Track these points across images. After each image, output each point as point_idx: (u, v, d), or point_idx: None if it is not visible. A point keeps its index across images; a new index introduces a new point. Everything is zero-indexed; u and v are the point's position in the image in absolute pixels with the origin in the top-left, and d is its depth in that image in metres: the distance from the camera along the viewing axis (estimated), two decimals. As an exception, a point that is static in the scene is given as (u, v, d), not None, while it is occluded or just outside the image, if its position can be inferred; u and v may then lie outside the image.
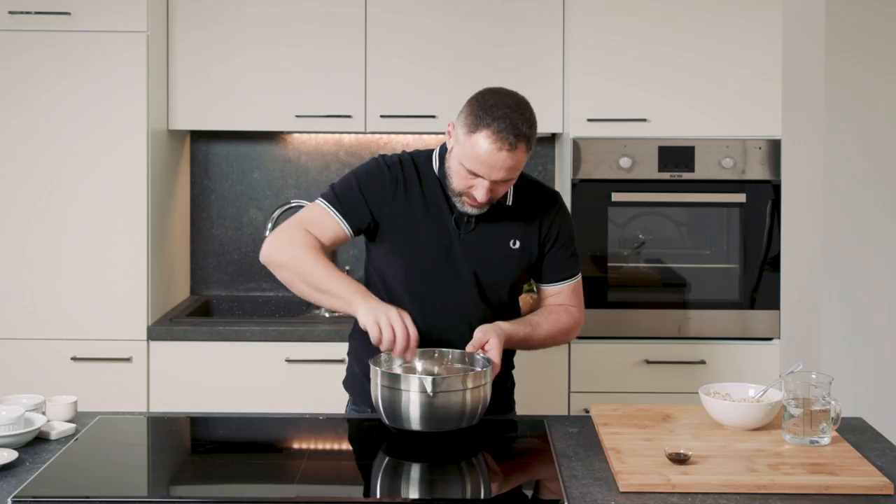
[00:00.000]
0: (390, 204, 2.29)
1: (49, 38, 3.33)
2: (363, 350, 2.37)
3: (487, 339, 2.17)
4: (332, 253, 3.86)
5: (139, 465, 2.05)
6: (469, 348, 2.17)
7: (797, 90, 3.34)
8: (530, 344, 2.32)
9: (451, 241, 2.29)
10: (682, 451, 1.91)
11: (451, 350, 2.23)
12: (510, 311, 2.38)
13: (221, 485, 1.92)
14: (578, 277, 2.42)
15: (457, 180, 2.21)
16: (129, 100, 3.34)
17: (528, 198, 2.35)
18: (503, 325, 2.23)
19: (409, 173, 2.32)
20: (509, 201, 2.32)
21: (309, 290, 2.23)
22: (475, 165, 2.14)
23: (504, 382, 2.44)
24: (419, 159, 2.35)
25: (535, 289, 2.47)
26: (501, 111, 2.14)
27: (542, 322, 2.34)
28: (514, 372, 2.49)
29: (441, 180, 2.30)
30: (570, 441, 2.10)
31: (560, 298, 2.39)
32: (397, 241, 2.31)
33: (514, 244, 2.32)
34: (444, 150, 2.32)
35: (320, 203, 2.31)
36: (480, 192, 2.17)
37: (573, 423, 2.22)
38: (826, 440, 2.01)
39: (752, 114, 3.41)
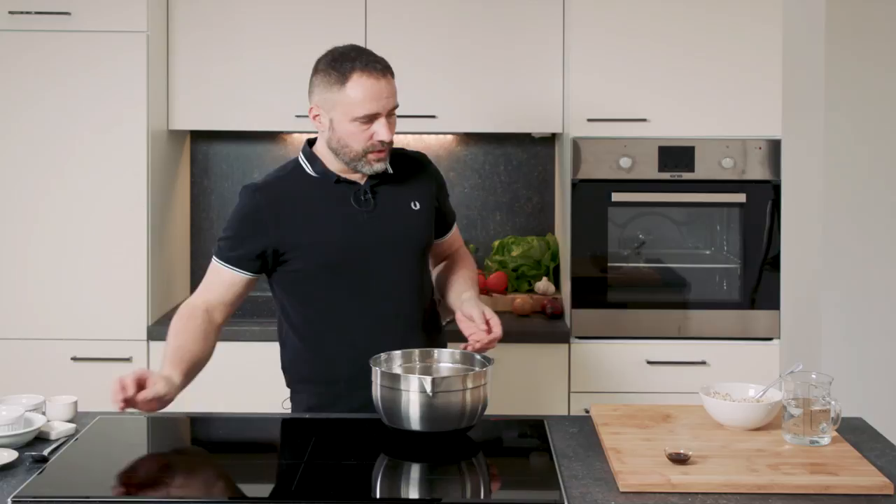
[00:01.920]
0: (276, 230, 2.31)
1: (49, 38, 3.33)
2: (310, 379, 2.48)
3: (490, 315, 2.28)
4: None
5: (139, 465, 2.04)
6: (474, 327, 2.27)
7: (797, 90, 3.34)
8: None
9: (359, 222, 2.33)
10: (682, 451, 1.91)
11: (450, 350, 2.24)
12: (426, 276, 2.49)
13: (221, 485, 1.92)
14: (455, 224, 2.63)
15: (355, 140, 2.27)
16: (129, 100, 3.34)
17: (403, 163, 2.44)
18: (475, 297, 2.40)
19: (274, 191, 2.34)
20: (390, 169, 2.37)
21: None
22: (367, 107, 2.23)
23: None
24: (287, 174, 2.39)
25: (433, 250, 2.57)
26: (353, 53, 2.27)
27: (473, 275, 2.53)
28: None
29: (322, 176, 2.34)
30: (570, 441, 2.09)
31: (456, 243, 2.62)
32: (304, 252, 2.31)
33: (415, 205, 2.40)
34: (307, 149, 2.38)
35: (214, 261, 2.38)
36: (384, 131, 2.26)
37: (573, 423, 2.22)
38: (826, 440, 2.01)
39: (752, 114, 3.41)
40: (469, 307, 2.31)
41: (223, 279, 2.36)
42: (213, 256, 2.38)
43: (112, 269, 3.37)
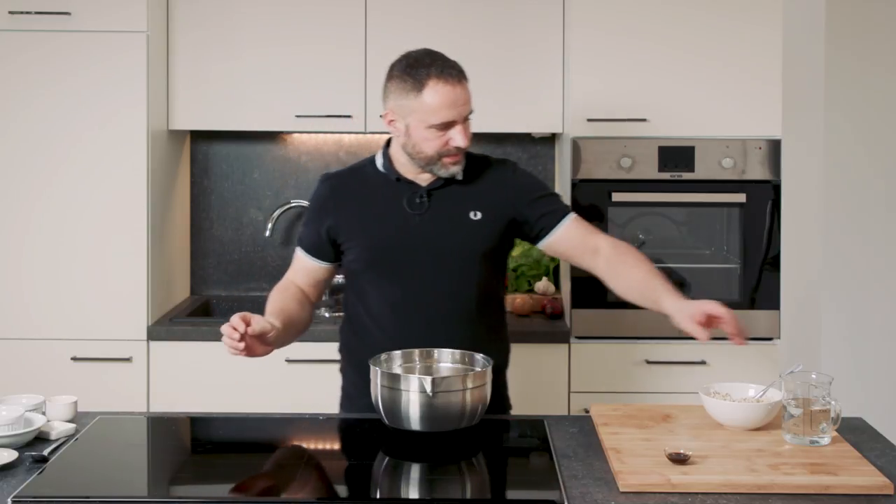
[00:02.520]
0: (334, 217, 2.37)
1: (49, 38, 3.33)
2: (349, 366, 2.47)
3: (718, 310, 2.14)
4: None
5: (139, 465, 2.05)
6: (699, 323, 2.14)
7: (797, 90, 3.34)
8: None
9: (407, 226, 2.32)
10: (682, 451, 1.91)
11: (450, 350, 2.24)
12: (489, 287, 2.39)
13: (221, 485, 1.92)
14: (574, 214, 2.41)
15: (430, 146, 2.26)
16: (129, 100, 3.34)
17: (477, 170, 2.38)
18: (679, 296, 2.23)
19: (345, 182, 2.40)
20: (460, 176, 2.34)
21: None
22: (443, 114, 2.21)
23: (499, 387, 2.43)
24: (363, 165, 2.43)
25: (547, 256, 2.45)
26: (428, 59, 2.25)
27: (648, 265, 2.33)
28: (510, 371, 2.50)
29: (387, 173, 2.36)
30: (570, 441, 2.09)
31: (578, 237, 2.37)
32: (355, 245, 2.35)
33: (475, 215, 2.34)
34: (385, 147, 2.40)
35: (297, 248, 2.46)
36: (460, 137, 2.24)
37: (573, 423, 2.22)
38: (826, 440, 2.01)
39: (752, 114, 3.41)
40: (696, 308, 2.16)
41: (302, 265, 2.45)
42: (297, 245, 2.48)
43: (112, 269, 3.37)
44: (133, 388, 3.36)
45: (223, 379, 3.35)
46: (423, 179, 2.34)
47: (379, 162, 2.40)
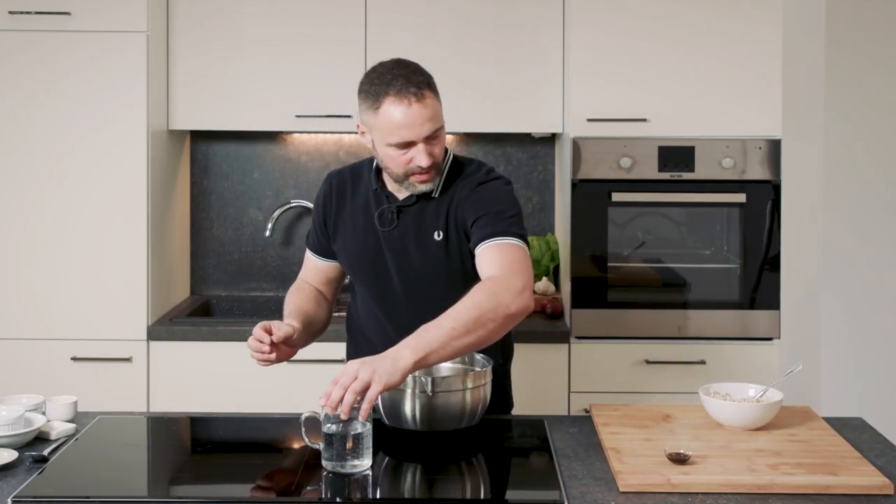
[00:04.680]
0: (333, 217, 2.37)
1: (49, 38, 3.33)
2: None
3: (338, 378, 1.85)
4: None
5: (139, 465, 2.05)
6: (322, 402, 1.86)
7: (797, 90, 3.34)
8: (439, 343, 1.92)
9: (377, 241, 2.30)
10: (682, 451, 1.91)
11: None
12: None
13: (221, 485, 1.92)
14: (503, 239, 2.13)
15: (394, 164, 2.18)
16: (129, 100, 3.34)
17: (454, 186, 2.27)
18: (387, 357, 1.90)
19: (343, 181, 2.38)
20: (436, 193, 2.26)
21: None
22: (400, 134, 2.13)
23: (501, 381, 2.43)
24: (363, 165, 2.40)
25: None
26: (389, 75, 2.14)
27: (448, 315, 1.97)
28: (510, 369, 2.48)
29: (372, 180, 2.32)
30: (570, 441, 2.10)
31: (485, 265, 2.11)
32: (340, 248, 2.36)
33: (438, 235, 2.25)
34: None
35: (307, 249, 2.47)
36: (422, 158, 2.15)
37: (573, 423, 2.22)
38: None
39: (752, 114, 3.41)
40: (352, 365, 1.88)
41: (312, 264, 2.47)
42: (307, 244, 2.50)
43: (112, 269, 3.37)
44: (133, 388, 3.36)
45: (223, 379, 3.36)
46: (402, 192, 2.27)
47: (373, 165, 2.36)
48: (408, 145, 2.15)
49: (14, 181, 3.35)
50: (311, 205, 3.84)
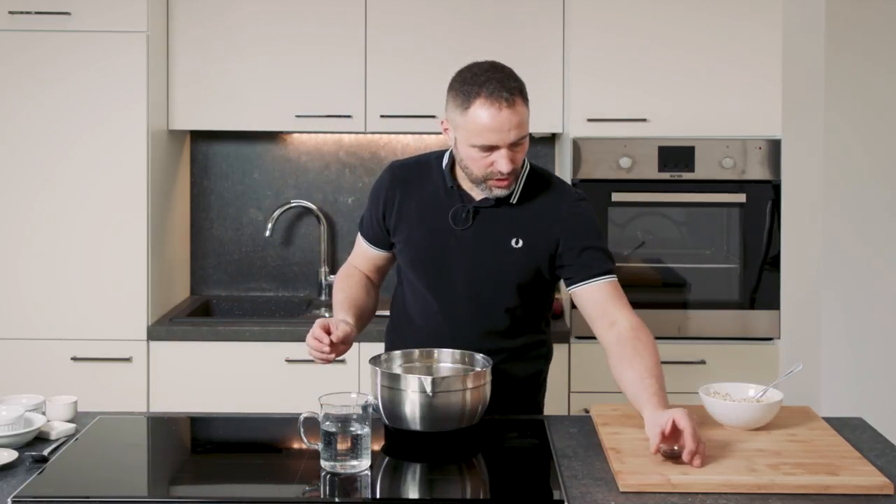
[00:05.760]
0: (395, 209, 2.32)
1: (49, 38, 3.33)
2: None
3: (682, 422, 1.89)
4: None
5: (139, 465, 2.05)
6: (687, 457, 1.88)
7: (797, 90, 3.34)
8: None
9: (447, 239, 2.27)
10: (675, 448, 1.91)
11: (451, 350, 2.24)
12: (526, 316, 2.31)
13: (221, 485, 1.92)
14: (611, 278, 2.24)
15: (475, 166, 2.17)
16: (129, 100, 3.34)
17: (539, 195, 2.27)
18: (659, 408, 1.99)
19: (412, 174, 2.34)
20: (514, 199, 2.25)
21: None
22: (485, 137, 2.12)
23: (535, 393, 2.44)
24: (429, 159, 2.37)
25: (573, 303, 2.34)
26: (483, 77, 2.14)
27: (651, 360, 2.15)
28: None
29: (445, 176, 2.29)
30: (570, 441, 2.09)
31: (597, 301, 2.21)
32: (401, 240, 2.33)
33: (517, 242, 2.24)
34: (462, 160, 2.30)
35: (359, 233, 2.45)
36: (503, 163, 2.13)
37: (573, 423, 2.22)
38: None
39: (752, 114, 3.41)
40: (666, 417, 1.91)
41: (362, 250, 2.45)
42: (359, 230, 2.47)
43: (112, 269, 3.37)
44: (133, 388, 3.36)
45: (223, 379, 3.36)
46: (477, 192, 2.26)
47: (444, 161, 2.32)
48: (491, 149, 2.14)
49: (14, 181, 3.35)
50: (311, 205, 3.84)
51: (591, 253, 2.24)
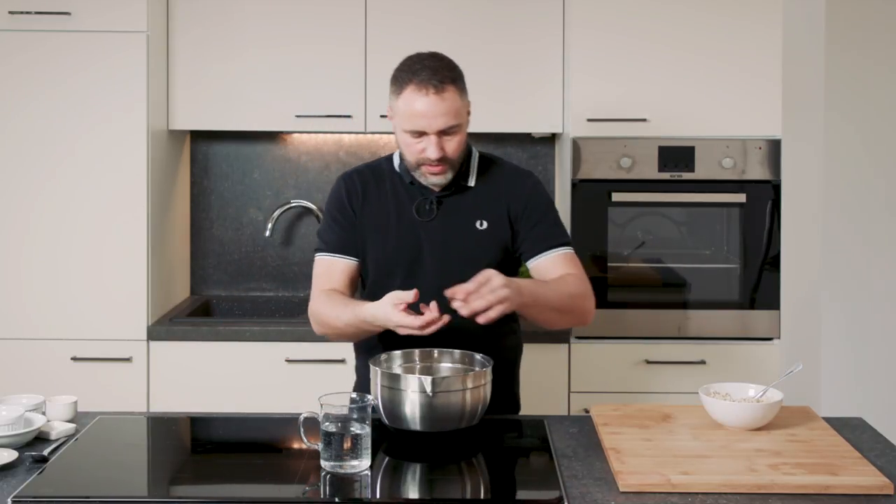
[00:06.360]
0: (359, 216, 2.35)
1: (49, 38, 3.33)
2: (360, 363, 2.44)
3: (488, 276, 2.04)
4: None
5: (139, 465, 2.05)
6: (460, 294, 2.03)
7: (797, 90, 3.34)
8: (541, 301, 2.19)
9: (416, 232, 2.31)
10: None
11: (451, 350, 2.24)
12: None
13: (221, 485, 1.92)
14: (568, 249, 2.34)
15: (408, 151, 2.25)
16: (129, 100, 3.34)
17: (492, 177, 2.36)
18: (514, 280, 2.11)
19: (365, 180, 2.38)
20: (471, 181, 2.33)
21: (345, 333, 2.29)
22: (414, 122, 2.19)
23: (511, 385, 2.44)
24: (380, 163, 2.41)
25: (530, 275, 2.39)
26: (419, 65, 2.21)
27: (548, 282, 2.26)
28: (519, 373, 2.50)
29: (402, 175, 2.34)
30: (570, 441, 2.09)
31: (554, 271, 2.30)
32: (370, 247, 2.34)
33: (481, 224, 2.32)
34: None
35: (318, 257, 2.38)
36: (432, 149, 2.20)
37: (573, 423, 2.22)
38: None
39: (752, 114, 3.41)
40: (487, 271, 2.07)
41: (335, 268, 2.35)
42: (316, 254, 2.39)
43: (112, 269, 3.37)
44: (133, 388, 3.36)
45: (223, 379, 3.36)
46: (435, 184, 2.31)
47: (396, 162, 2.38)
48: (421, 135, 2.21)
49: (14, 181, 3.35)
50: (311, 205, 3.84)
51: (548, 227, 2.34)
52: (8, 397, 2.18)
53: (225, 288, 3.94)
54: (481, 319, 2.05)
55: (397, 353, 2.23)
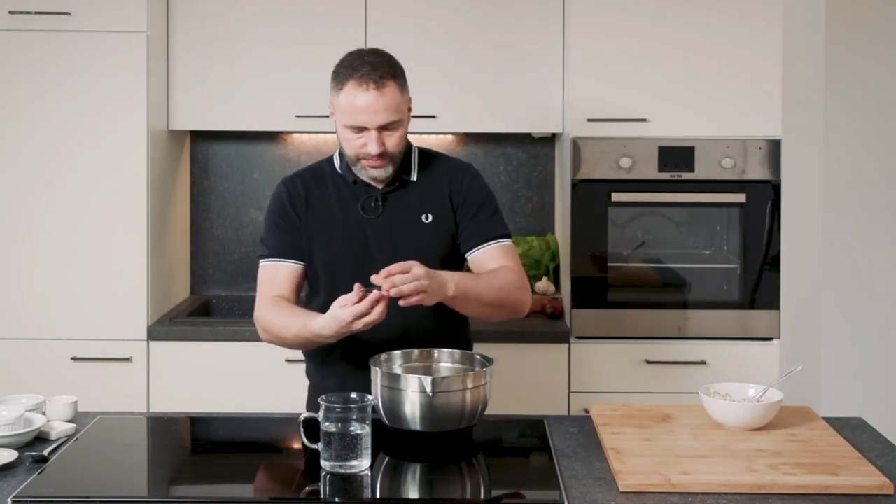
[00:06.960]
0: (303, 220, 2.34)
1: (49, 38, 3.33)
2: (314, 370, 2.43)
3: (409, 266, 2.04)
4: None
5: (139, 465, 2.05)
6: (383, 274, 2.03)
7: (797, 90, 3.34)
8: (471, 295, 2.18)
9: (363, 230, 2.31)
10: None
11: (450, 350, 2.24)
12: None
13: (221, 485, 1.92)
14: (506, 242, 2.35)
15: (348, 146, 2.26)
16: (129, 100, 3.35)
17: (434, 170, 2.37)
18: (439, 272, 2.12)
19: (307, 183, 2.37)
20: (413, 176, 2.35)
21: (293, 343, 2.27)
22: (354, 117, 2.21)
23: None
24: (320, 166, 2.41)
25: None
26: (359, 61, 2.23)
27: (480, 276, 2.27)
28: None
29: (344, 175, 2.34)
30: (570, 441, 2.09)
31: (490, 263, 2.31)
32: (317, 249, 2.33)
33: (427, 217, 2.33)
34: (342, 147, 2.34)
35: (262, 263, 2.36)
36: (372, 144, 2.22)
37: (573, 423, 2.22)
38: None
39: (752, 114, 3.41)
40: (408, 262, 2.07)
41: (281, 274, 2.33)
42: (260, 261, 2.37)
43: (112, 269, 3.37)
44: (133, 388, 3.36)
45: (223, 379, 3.36)
46: (379, 181, 2.31)
47: (337, 163, 2.37)
48: (361, 130, 2.22)
49: (14, 181, 3.35)
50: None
51: (485, 220, 2.35)
52: (8, 397, 2.18)
53: (225, 288, 3.94)
54: (402, 303, 2.04)
55: (397, 353, 2.23)
